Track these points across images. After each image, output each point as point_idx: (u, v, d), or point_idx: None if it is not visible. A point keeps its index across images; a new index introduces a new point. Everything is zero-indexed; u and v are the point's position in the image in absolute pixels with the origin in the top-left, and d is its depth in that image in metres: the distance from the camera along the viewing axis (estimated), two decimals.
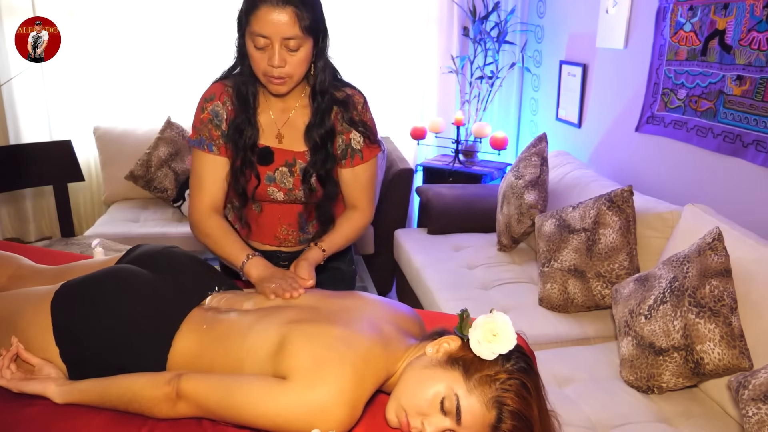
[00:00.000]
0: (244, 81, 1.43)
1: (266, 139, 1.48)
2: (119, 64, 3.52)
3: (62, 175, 3.13)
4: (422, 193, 3.21)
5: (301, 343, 1.10)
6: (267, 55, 1.32)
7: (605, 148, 2.91)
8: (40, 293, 1.28)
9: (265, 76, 1.36)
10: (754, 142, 1.97)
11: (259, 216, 1.58)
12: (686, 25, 2.26)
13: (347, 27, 3.64)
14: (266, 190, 1.51)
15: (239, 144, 1.45)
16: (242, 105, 1.44)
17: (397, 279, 3.21)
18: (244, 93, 1.44)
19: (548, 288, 2.22)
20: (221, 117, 1.46)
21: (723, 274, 1.64)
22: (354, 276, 1.81)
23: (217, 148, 1.47)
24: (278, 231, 1.59)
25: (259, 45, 1.31)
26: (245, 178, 1.48)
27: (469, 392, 1.05)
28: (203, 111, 1.47)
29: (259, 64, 1.34)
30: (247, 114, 1.44)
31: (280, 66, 1.32)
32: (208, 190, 1.49)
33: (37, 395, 1.17)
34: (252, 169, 1.47)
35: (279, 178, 1.49)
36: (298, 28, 1.30)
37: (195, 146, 1.49)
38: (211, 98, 1.47)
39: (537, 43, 3.60)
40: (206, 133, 1.46)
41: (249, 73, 1.41)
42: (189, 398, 1.09)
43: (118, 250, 2.44)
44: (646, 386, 1.73)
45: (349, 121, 1.48)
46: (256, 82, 1.44)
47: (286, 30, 1.29)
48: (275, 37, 1.29)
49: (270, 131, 1.48)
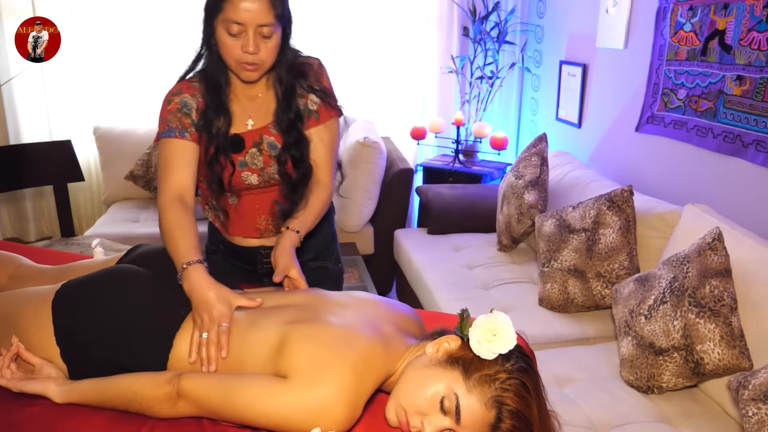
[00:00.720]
0: (214, 68, 1.43)
1: (236, 128, 1.48)
2: (119, 64, 3.52)
3: (62, 175, 3.13)
4: (422, 193, 3.21)
5: (301, 342, 1.10)
6: (240, 42, 1.33)
7: (605, 148, 2.91)
8: (41, 293, 1.28)
9: (237, 63, 1.36)
10: (754, 142, 1.97)
11: (237, 208, 1.57)
12: (686, 25, 2.27)
13: (348, 27, 3.64)
14: (240, 176, 1.49)
15: (213, 131, 1.44)
16: (215, 91, 1.44)
17: (397, 279, 3.22)
18: (216, 80, 1.44)
19: (548, 288, 2.22)
20: (190, 107, 1.45)
21: (723, 274, 1.64)
22: (341, 274, 1.79)
23: (190, 134, 1.44)
24: (257, 222, 1.58)
25: (233, 32, 1.32)
26: (221, 166, 1.47)
27: (468, 392, 1.05)
28: (170, 103, 1.45)
29: (231, 51, 1.35)
30: (220, 100, 1.44)
31: (255, 52, 1.33)
32: (177, 175, 1.40)
33: (37, 395, 1.17)
34: (227, 157, 1.46)
35: (250, 160, 1.49)
36: (272, 16, 1.32)
37: (165, 136, 1.43)
38: (177, 92, 1.46)
39: (537, 43, 3.60)
40: (176, 122, 1.43)
41: (218, 59, 1.42)
42: (189, 398, 1.09)
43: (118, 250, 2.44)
44: (646, 386, 1.73)
45: (308, 87, 1.48)
46: (226, 70, 1.44)
47: (261, 17, 1.30)
48: (250, 24, 1.31)
49: (240, 119, 1.49)
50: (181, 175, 1.41)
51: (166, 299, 1.26)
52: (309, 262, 1.64)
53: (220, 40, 1.35)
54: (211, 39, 1.39)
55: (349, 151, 3.14)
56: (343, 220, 3.19)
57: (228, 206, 1.58)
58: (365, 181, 3.11)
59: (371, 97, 3.78)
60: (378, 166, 3.13)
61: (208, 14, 1.37)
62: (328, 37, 3.62)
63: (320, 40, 3.62)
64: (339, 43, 3.65)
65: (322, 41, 3.62)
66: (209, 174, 1.49)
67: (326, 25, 3.61)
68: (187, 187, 1.41)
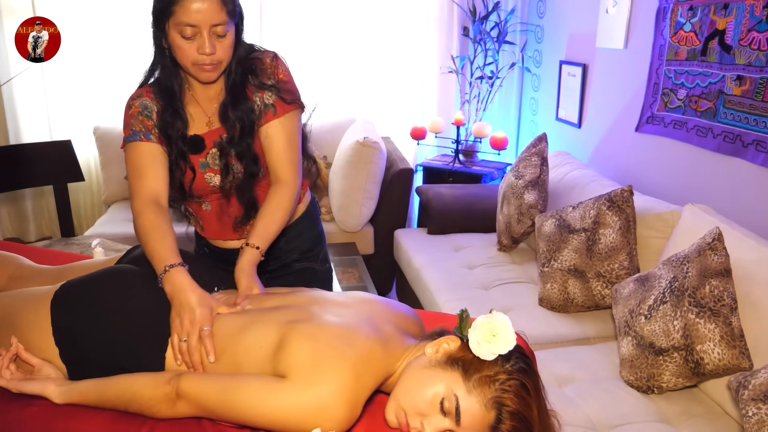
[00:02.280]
0: (166, 74, 1.42)
1: (197, 129, 1.46)
2: (119, 64, 3.52)
3: (62, 175, 3.13)
4: (422, 193, 3.21)
5: (300, 341, 1.10)
6: (195, 44, 1.31)
7: (605, 148, 2.91)
8: (40, 293, 1.28)
9: (194, 65, 1.35)
10: (754, 142, 1.97)
11: (209, 213, 1.55)
12: (686, 25, 2.26)
13: (347, 27, 3.64)
14: (203, 179, 1.47)
15: (171, 136, 1.42)
16: (169, 97, 1.42)
17: (397, 279, 3.22)
18: (169, 85, 1.42)
19: (548, 288, 2.22)
20: (151, 109, 1.43)
21: (723, 274, 1.64)
22: (329, 274, 1.75)
23: (155, 136, 1.43)
24: (233, 223, 1.56)
25: (187, 35, 1.30)
26: (180, 171, 1.45)
27: (468, 393, 1.05)
28: (131, 108, 1.44)
29: (187, 54, 1.33)
30: (174, 106, 1.42)
31: (212, 53, 1.32)
32: (148, 179, 1.39)
33: (37, 395, 1.17)
34: (186, 162, 1.44)
35: (211, 161, 1.46)
36: (225, 14, 1.30)
37: (130, 140, 1.42)
38: (137, 96, 1.45)
39: (537, 43, 3.60)
40: (139, 125, 1.42)
41: (171, 66, 1.40)
42: (189, 398, 1.09)
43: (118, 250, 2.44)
44: (646, 386, 1.73)
45: (258, 84, 1.44)
46: (179, 75, 1.43)
47: (214, 17, 1.29)
48: (203, 25, 1.29)
49: (200, 120, 1.46)
50: (153, 178, 1.40)
51: (165, 299, 1.26)
52: (294, 263, 1.63)
53: (174, 43, 1.33)
54: (162, 43, 1.37)
55: (349, 151, 3.14)
56: (343, 220, 3.19)
57: (201, 211, 1.56)
58: (365, 181, 3.11)
59: (371, 97, 3.78)
60: (378, 166, 3.13)
61: (157, 19, 1.34)
62: (328, 37, 3.62)
63: (320, 40, 3.62)
64: (339, 43, 3.65)
65: (322, 41, 3.62)
66: (172, 179, 1.46)
67: (326, 25, 3.61)
68: (160, 190, 1.41)
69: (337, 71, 3.71)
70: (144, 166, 1.41)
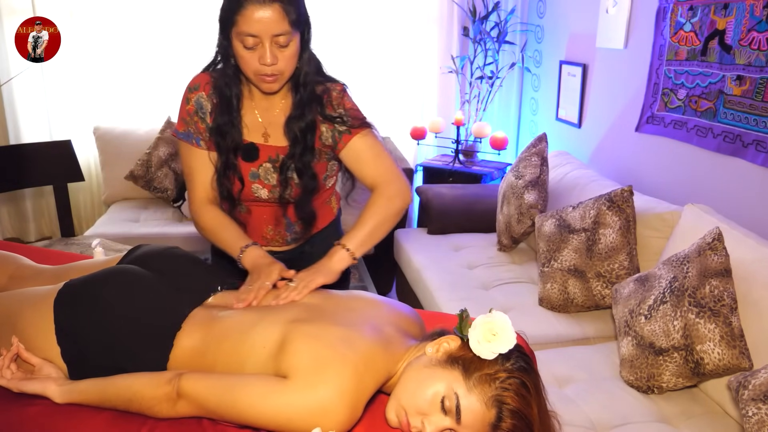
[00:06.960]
0: (227, 82, 1.41)
1: (252, 137, 1.46)
2: (119, 64, 3.52)
3: (62, 175, 3.13)
4: (422, 193, 3.21)
5: (302, 342, 1.10)
6: (257, 54, 1.30)
7: (605, 148, 2.91)
8: (41, 293, 1.28)
9: (256, 75, 1.34)
10: (754, 142, 1.97)
11: (245, 216, 1.57)
12: (686, 25, 2.27)
13: (347, 27, 3.64)
14: (251, 188, 1.48)
15: (222, 146, 1.44)
16: (225, 107, 1.42)
17: (397, 279, 3.22)
18: (228, 95, 1.42)
19: (548, 288, 2.22)
20: (205, 109, 1.44)
21: (723, 274, 1.64)
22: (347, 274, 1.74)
23: (205, 142, 1.46)
24: (264, 231, 1.58)
25: (249, 45, 1.29)
26: (229, 181, 1.47)
27: (468, 391, 1.05)
28: (188, 102, 1.45)
29: (249, 63, 1.32)
30: (230, 116, 1.43)
31: (273, 63, 1.31)
32: (201, 183, 1.49)
33: (37, 395, 1.17)
34: (235, 172, 1.46)
35: (263, 174, 1.47)
36: (287, 23, 1.28)
37: (183, 139, 1.47)
38: (195, 88, 1.45)
39: (537, 43, 3.60)
40: (193, 126, 1.45)
41: (233, 73, 1.40)
42: (189, 397, 1.09)
43: (118, 251, 2.44)
44: (646, 386, 1.73)
45: (324, 116, 1.45)
46: (240, 83, 1.43)
47: (276, 27, 1.27)
48: (265, 35, 1.28)
49: (256, 130, 1.47)
50: (204, 183, 1.49)
51: (167, 299, 1.26)
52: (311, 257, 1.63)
53: (237, 53, 1.33)
54: (228, 51, 1.36)
55: None
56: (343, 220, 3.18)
57: (236, 214, 1.57)
58: None
59: (371, 97, 3.78)
60: None
61: (222, 27, 1.34)
62: (328, 37, 3.62)
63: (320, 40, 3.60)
64: (339, 43, 3.65)
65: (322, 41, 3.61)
66: (219, 187, 1.49)
67: (326, 25, 3.61)
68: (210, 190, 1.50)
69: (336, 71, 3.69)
70: (194, 169, 1.49)
